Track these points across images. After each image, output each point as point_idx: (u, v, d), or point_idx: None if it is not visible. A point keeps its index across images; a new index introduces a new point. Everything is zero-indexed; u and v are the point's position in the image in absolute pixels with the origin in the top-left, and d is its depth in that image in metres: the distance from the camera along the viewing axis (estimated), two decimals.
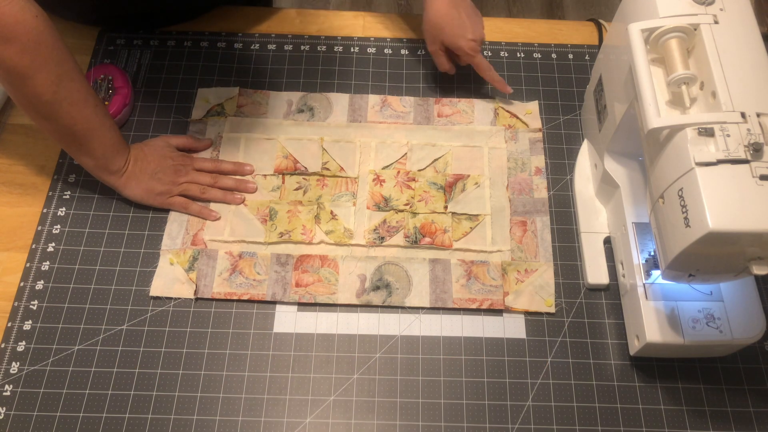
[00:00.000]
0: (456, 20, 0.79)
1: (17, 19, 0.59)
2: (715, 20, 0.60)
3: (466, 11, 0.80)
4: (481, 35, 0.81)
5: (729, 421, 0.68)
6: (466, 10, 0.80)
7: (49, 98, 0.65)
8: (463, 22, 0.79)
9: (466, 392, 0.68)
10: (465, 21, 0.79)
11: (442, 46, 0.82)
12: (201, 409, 0.67)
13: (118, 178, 0.75)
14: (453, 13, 0.79)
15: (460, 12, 0.79)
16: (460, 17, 0.79)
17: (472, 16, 0.81)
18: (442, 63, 0.83)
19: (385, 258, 0.75)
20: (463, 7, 0.80)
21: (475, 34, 0.80)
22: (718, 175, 0.53)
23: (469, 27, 0.80)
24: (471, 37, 0.80)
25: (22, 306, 0.72)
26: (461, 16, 0.79)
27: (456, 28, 0.79)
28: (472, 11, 0.81)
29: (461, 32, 0.79)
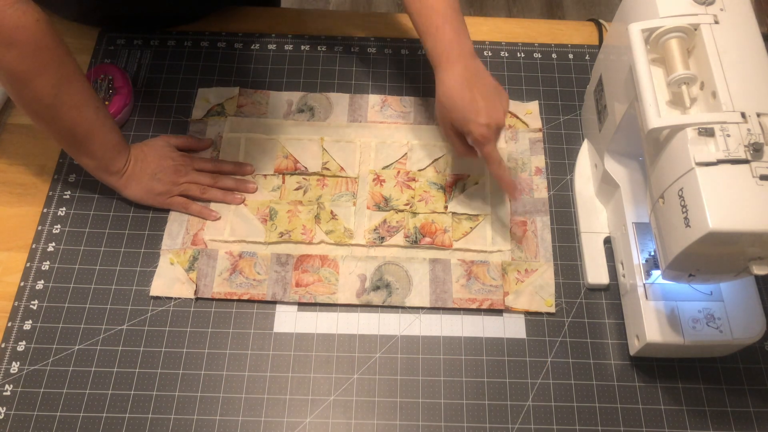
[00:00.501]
0: (467, 102, 0.68)
1: (17, 24, 0.59)
2: (716, 20, 0.60)
3: (482, 91, 0.68)
4: (497, 120, 0.68)
5: (729, 421, 0.68)
6: (482, 90, 0.69)
7: (50, 101, 0.65)
8: (476, 104, 0.68)
9: (466, 392, 0.68)
10: (479, 103, 0.68)
11: (453, 128, 0.72)
12: (201, 409, 0.67)
13: (119, 179, 0.75)
14: (465, 93, 0.68)
15: (474, 92, 0.68)
16: (473, 98, 0.68)
17: (489, 97, 0.69)
18: (455, 146, 0.74)
19: (385, 258, 0.75)
20: (479, 86, 0.69)
21: (490, 118, 0.68)
22: (718, 175, 0.53)
23: (483, 110, 0.68)
24: (483, 122, 0.67)
25: (22, 306, 0.72)
26: (475, 96, 0.68)
27: (467, 111, 0.68)
28: (491, 91, 0.69)
29: (472, 116, 0.68)
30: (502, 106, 0.69)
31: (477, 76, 0.69)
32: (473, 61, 0.70)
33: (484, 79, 0.70)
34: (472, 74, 0.69)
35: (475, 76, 0.69)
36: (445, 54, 0.70)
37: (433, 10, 0.70)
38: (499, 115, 0.68)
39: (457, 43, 0.70)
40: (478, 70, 0.70)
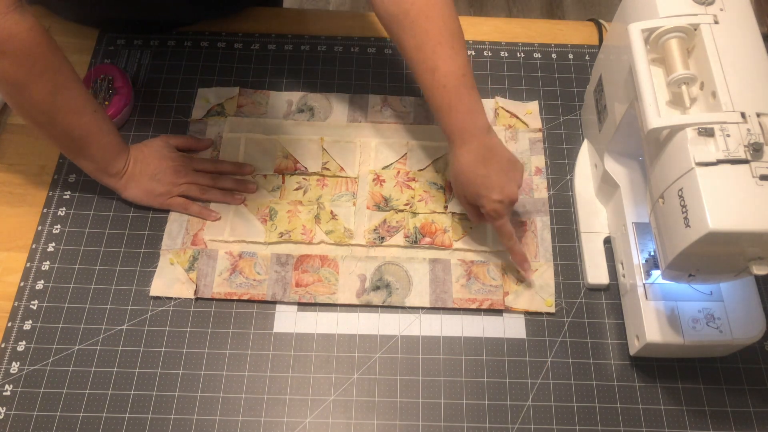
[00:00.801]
0: (481, 178, 0.68)
1: (10, 34, 0.59)
2: (715, 20, 0.60)
3: (496, 167, 0.68)
4: (510, 195, 0.68)
5: (729, 421, 0.68)
6: (496, 166, 0.68)
7: (46, 107, 0.65)
8: (489, 180, 0.67)
9: (466, 392, 0.68)
10: (492, 179, 0.67)
11: (467, 199, 0.72)
12: (201, 409, 0.67)
13: (118, 180, 0.75)
14: (479, 170, 0.68)
15: (488, 169, 0.67)
16: (487, 175, 0.67)
17: (504, 173, 0.68)
18: (470, 215, 0.74)
19: (385, 258, 0.75)
20: (494, 161, 0.68)
21: (504, 193, 0.67)
22: (718, 175, 0.53)
23: (497, 186, 0.67)
24: (496, 198, 0.67)
25: (22, 306, 0.72)
26: (489, 173, 0.67)
27: (480, 187, 0.68)
28: (505, 166, 0.68)
29: (485, 192, 0.68)
30: (515, 180, 0.69)
31: (491, 152, 0.68)
32: (488, 137, 0.68)
33: (498, 155, 0.69)
34: (487, 150, 0.68)
35: (489, 152, 0.68)
36: (459, 132, 0.68)
37: (445, 89, 0.67)
38: (513, 190, 0.68)
39: (471, 121, 0.68)
40: (492, 146, 0.69)
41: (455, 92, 0.67)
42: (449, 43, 0.67)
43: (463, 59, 0.68)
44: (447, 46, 0.67)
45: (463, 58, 0.68)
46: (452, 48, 0.67)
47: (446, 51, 0.67)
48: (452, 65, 0.67)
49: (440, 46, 0.67)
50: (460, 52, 0.68)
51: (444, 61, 0.67)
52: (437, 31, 0.67)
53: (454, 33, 0.68)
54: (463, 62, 0.68)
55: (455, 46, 0.67)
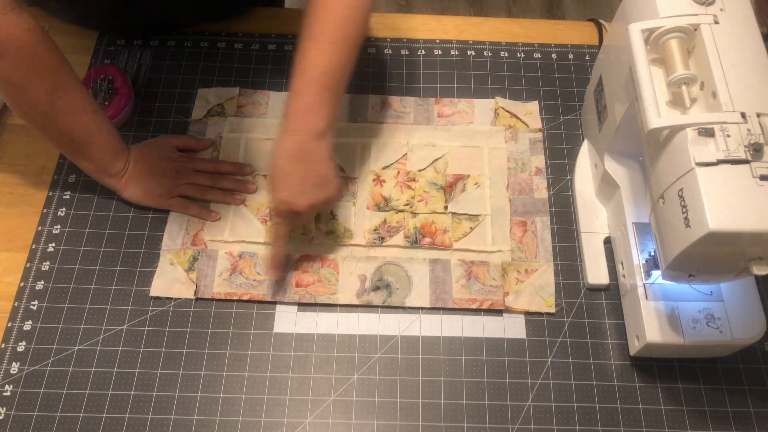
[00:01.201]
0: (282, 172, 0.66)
1: (8, 35, 0.59)
2: (715, 20, 0.60)
3: (302, 173, 0.66)
4: (296, 204, 0.66)
5: (729, 421, 0.68)
6: (303, 173, 0.66)
7: (45, 108, 0.65)
8: (287, 178, 0.66)
9: (466, 392, 0.68)
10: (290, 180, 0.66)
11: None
12: (201, 410, 0.67)
13: (118, 181, 0.75)
14: (285, 164, 0.66)
15: (293, 169, 0.66)
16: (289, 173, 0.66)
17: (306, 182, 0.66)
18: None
19: (385, 258, 0.75)
20: (303, 166, 0.66)
21: (291, 199, 0.66)
22: (718, 176, 0.53)
23: (290, 188, 0.66)
24: (282, 197, 0.66)
25: (22, 306, 0.72)
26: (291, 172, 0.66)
27: (277, 179, 0.66)
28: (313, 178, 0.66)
29: (278, 186, 0.66)
30: (312, 197, 0.66)
31: (306, 157, 0.66)
32: (313, 142, 0.66)
33: (313, 164, 0.66)
34: (303, 153, 0.66)
35: (304, 156, 0.66)
36: (289, 120, 0.66)
37: (302, 75, 0.66)
38: (302, 201, 0.66)
39: (304, 118, 0.66)
40: (311, 152, 0.66)
41: (308, 83, 0.66)
42: (331, 40, 0.66)
43: (337, 60, 0.66)
44: (327, 42, 0.66)
45: (338, 60, 0.66)
46: (331, 45, 0.66)
47: (324, 45, 0.66)
48: (320, 59, 0.66)
49: (321, 37, 0.65)
50: (338, 53, 0.66)
51: (316, 52, 0.66)
52: (327, 24, 0.66)
53: (343, 34, 0.66)
54: (335, 63, 0.66)
55: (335, 46, 0.66)
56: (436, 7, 2.00)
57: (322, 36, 0.66)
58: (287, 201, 0.66)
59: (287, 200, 0.66)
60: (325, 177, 0.67)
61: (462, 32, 0.93)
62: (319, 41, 0.66)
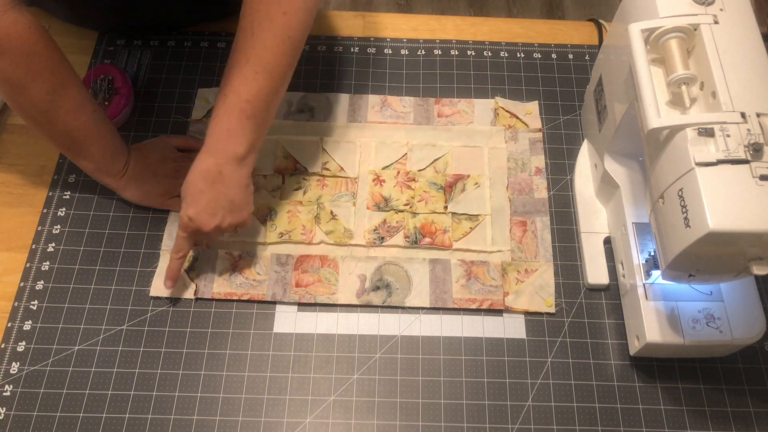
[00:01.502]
0: (195, 189, 0.66)
1: (8, 32, 0.59)
2: (715, 20, 0.60)
3: (214, 195, 0.66)
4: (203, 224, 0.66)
5: (729, 421, 0.68)
6: (215, 195, 0.66)
7: (45, 107, 0.65)
8: (199, 197, 0.66)
9: (466, 392, 0.68)
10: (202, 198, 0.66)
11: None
12: (201, 409, 0.67)
13: (118, 180, 0.75)
14: (200, 183, 0.66)
15: (207, 189, 0.66)
16: (201, 191, 0.66)
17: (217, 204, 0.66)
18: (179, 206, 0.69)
19: (385, 258, 0.75)
20: (217, 190, 0.66)
21: (199, 218, 0.66)
22: (718, 176, 0.53)
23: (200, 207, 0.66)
24: (190, 214, 0.66)
25: (22, 306, 0.72)
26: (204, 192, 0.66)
27: (189, 194, 0.66)
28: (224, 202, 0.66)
29: (189, 201, 0.66)
30: (221, 219, 0.66)
31: (221, 182, 0.65)
32: (231, 167, 0.65)
33: (227, 189, 0.66)
34: (219, 177, 0.65)
35: (219, 180, 0.65)
36: (210, 141, 0.66)
37: (225, 98, 0.65)
38: (209, 223, 0.66)
39: (225, 142, 0.65)
40: (228, 178, 0.66)
41: (229, 110, 0.65)
42: (255, 69, 0.64)
43: (259, 89, 0.64)
44: (252, 71, 0.64)
45: (260, 89, 0.64)
46: (256, 74, 0.64)
47: (248, 73, 0.64)
48: (243, 87, 0.64)
49: (246, 65, 0.64)
50: (261, 82, 0.64)
51: (240, 78, 0.64)
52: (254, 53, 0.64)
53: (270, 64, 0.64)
54: (257, 91, 0.64)
55: (260, 75, 0.64)
56: (436, 7, 2.00)
57: (248, 64, 0.64)
58: (194, 219, 0.66)
59: (194, 218, 0.66)
60: (237, 203, 0.67)
61: (462, 32, 0.93)
62: (245, 68, 0.64)
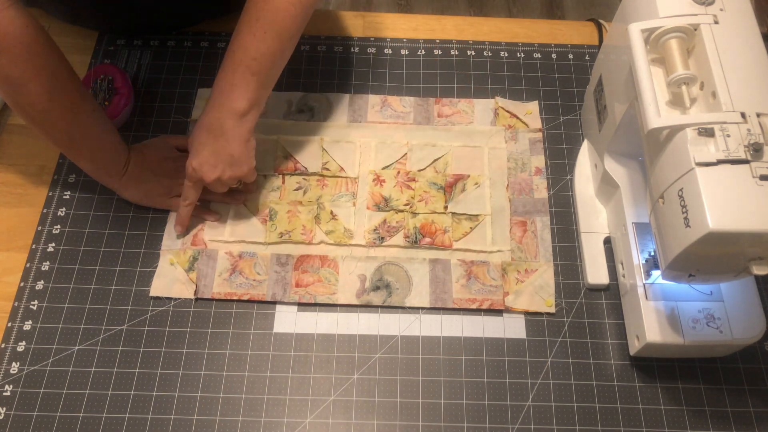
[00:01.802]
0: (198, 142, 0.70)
1: (7, 31, 0.59)
2: (715, 20, 0.60)
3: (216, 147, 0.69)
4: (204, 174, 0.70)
5: (729, 421, 0.67)
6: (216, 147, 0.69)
7: (44, 106, 0.65)
8: (202, 148, 0.69)
9: (466, 392, 0.68)
10: (204, 150, 0.69)
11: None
12: (201, 409, 0.67)
13: (118, 180, 0.75)
14: (202, 135, 0.69)
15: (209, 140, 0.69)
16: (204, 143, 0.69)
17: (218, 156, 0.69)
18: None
19: (385, 258, 0.75)
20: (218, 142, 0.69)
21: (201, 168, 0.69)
22: (718, 175, 0.53)
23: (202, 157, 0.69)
24: (194, 165, 0.70)
25: (22, 306, 0.72)
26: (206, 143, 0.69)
27: (192, 145, 0.70)
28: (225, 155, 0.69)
29: (193, 154, 0.70)
30: (222, 172, 0.70)
31: (222, 134, 0.69)
32: (232, 120, 0.68)
33: (227, 142, 0.69)
34: (221, 129, 0.68)
35: (220, 132, 0.68)
36: (214, 97, 0.69)
37: (232, 56, 0.67)
38: (211, 174, 0.69)
39: (228, 96, 0.68)
40: (229, 131, 0.68)
41: (235, 64, 0.68)
42: (265, 29, 0.67)
43: (267, 49, 0.67)
44: (261, 30, 0.67)
45: (268, 48, 0.67)
46: (265, 33, 0.67)
47: (257, 33, 0.67)
48: (251, 44, 0.67)
49: (257, 24, 0.66)
50: (269, 42, 0.67)
51: (249, 37, 0.67)
52: (264, 13, 0.66)
53: (279, 26, 0.67)
54: (265, 51, 0.67)
55: (268, 35, 0.67)
56: (436, 7, 2.00)
57: (258, 23, 0.66)
58: (197, 169, 0.70)
59: (197, 169, 0.70)
60: (237, 157, 0.70)
61: (462, 32, 0.93)
62: (254, 27, 0.66)
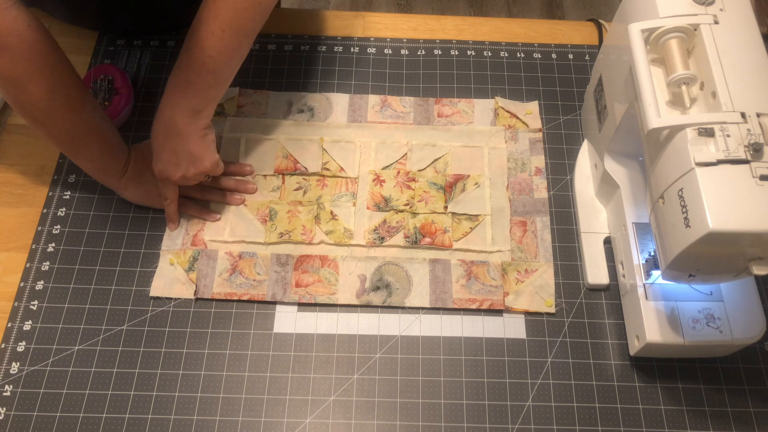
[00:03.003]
0: (155, 142, 0.71)
1: (9, 30, 0.59)
2: (715, 20, 0.60)
3: (172, 147, 0.70)
4: (168, 175, 0.71)
5: (729, 421, 0.68)
6: (173, 146, 0.70)
7: (45, 105, 0.65)
8: (160, 150, 0.71)
9: (466, 392, 0.68)
10: (163, 153, 0.71)
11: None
12: (201, 410, 0.67)
13: (118, 180, 0.75)
14: (159, 136, 0.71)
15: (165, 142, 0.70)
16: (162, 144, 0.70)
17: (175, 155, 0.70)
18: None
19: (385, 258, 0.75)
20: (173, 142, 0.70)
21: (164, 171, 0.71)
22: (718, 176, 0.53)
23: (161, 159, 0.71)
24: (157, 168, 0.72)
25: (22, 306, 0.72)
26: (164, 144, 0.70)
27: (154, 150, 0.72)
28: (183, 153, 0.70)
29: (155, 157, 0.72)
30: (184, 170, 0.71)
31: (179, 135, 0.69)
32: (187, 120, 0.69)
33: (184, 141, 0.70)
34: (175, 130, 0.69)
35: (176, 134, 0.69)
36: (168, 93, 0.70)
37: (189, 51, 0.67)
38: (175, 173, 0.71)
39: (182, 93, 0.69)
40: (184, 131, 0.69)
41: (191, 61, 0.67)
42: (223, 27, 0.66)
43: (224, 47, 0.67)
44: (219, 28, 0.66)
45: (224, 46, 0.67)
46: (222, 31, 0.67)
47: (215, 30, 0.66)
48: (208, 42, 0.66)
49: (215, 22, 0.66)
50: (227, 41, 0.67)
51: (206, 34, 0.66)
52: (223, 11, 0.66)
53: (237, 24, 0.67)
54: (221, 49, 0.67)
55: (226, 33, 0.67)
56: (436, 7, 2.01)
57: (216, 21, 0.66)
58: (161, 170, 0.72)
59: (161, 170, 0.72)
60: (197, 153, 0.71)
61: (462, 32, 0.93)
62: (212, 26, 0.66)
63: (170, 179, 0.72)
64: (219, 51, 0.67)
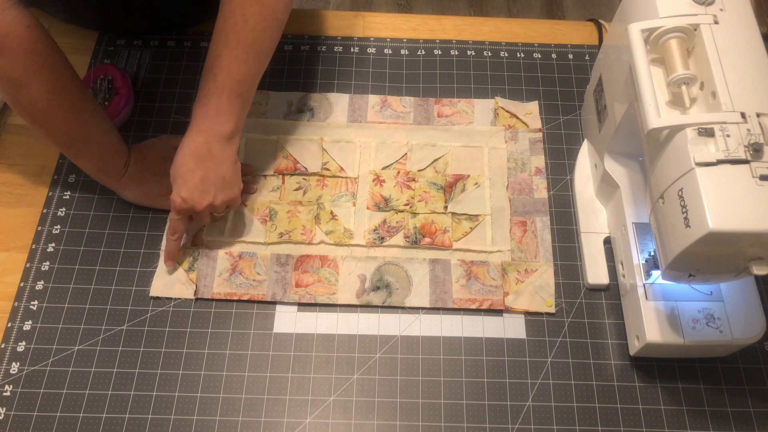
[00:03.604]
0: (185, 169, 0.67)
1: (8, 31, 0.59)
2: (715, 20, 0.60)
3: (204, 173, 0.67)
4: (196, 204, 0.68)
5: (729, 421, 0.68)
6: (205, 172, 0.67)
7: (44, 106, 0.65)
8: (190, 176, 0.67)
9: (466, 392, 0.68)
10: (193, 178, 0.67)
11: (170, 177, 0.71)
12: (201, 409, 0.67)
13: (118, 180, 0.75)
14: (190, 162, 0.67)
15: (197, 168, 0.67)
16: (192, 170, 0.67)
17: (208, 182, 0.68)
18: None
19: (385, 258, 0.75)
20: (207, 166, 0.67)
21: (191, 198, 0.67)
22: (718, 176, 0.53)
23: (191, 186, 0.67)
24: (183, 196, 0.67)
25: (22, 306, 0.72)
26: (195, 171, 0.67)
27: (179, 176, 0.68)
28: (216, 179, 0.68)
29: (180, 183, 0.68)
30: (213, 197, 0.68)
31: (211, 159, 0.68)
32: (219, 145, 0.68)
33: (217, 166, 0.68)
34: (209, 154, 0.67)
35: (209, 157, 0.67)
36: (197, 120, 0.68)
37: (214, 79, 0.66)
38: (202, 201, 0.68)
39: (214, 120, 0.67)
40: (218, 155, 0.68)
41: (220, 88, 0.67)
42: (246, 50, 0.66)
43: (249, 70, 0.67)
44: (243, 51, 0.66)
45: (249, 69, 0.67)
46: (246, 54, 0.66)
47: (240, 54, 0.66)
48: (234, 67, 0.66)
49: (237, 46, 0.66)
50: (251, 63, 0.67)
51: (231, 59, 0.66)
52: (244, 35, 0.66)
53: (259, 45, 0.67)
54: (247, 72, 0.67)
55: (250, 56, 0.67)
56: (436, 7, 2.00)
57: (239, 45, 0.66)
58: (187, 199, 0.68)
59: (187, 198, 0.68)
60: (228, 179, 0.69)
61: (462, 32, 0.93)
62: (235, 50, 0.66)
63: (194, 208, 0.69)
64: (246, 75, 0.67)
